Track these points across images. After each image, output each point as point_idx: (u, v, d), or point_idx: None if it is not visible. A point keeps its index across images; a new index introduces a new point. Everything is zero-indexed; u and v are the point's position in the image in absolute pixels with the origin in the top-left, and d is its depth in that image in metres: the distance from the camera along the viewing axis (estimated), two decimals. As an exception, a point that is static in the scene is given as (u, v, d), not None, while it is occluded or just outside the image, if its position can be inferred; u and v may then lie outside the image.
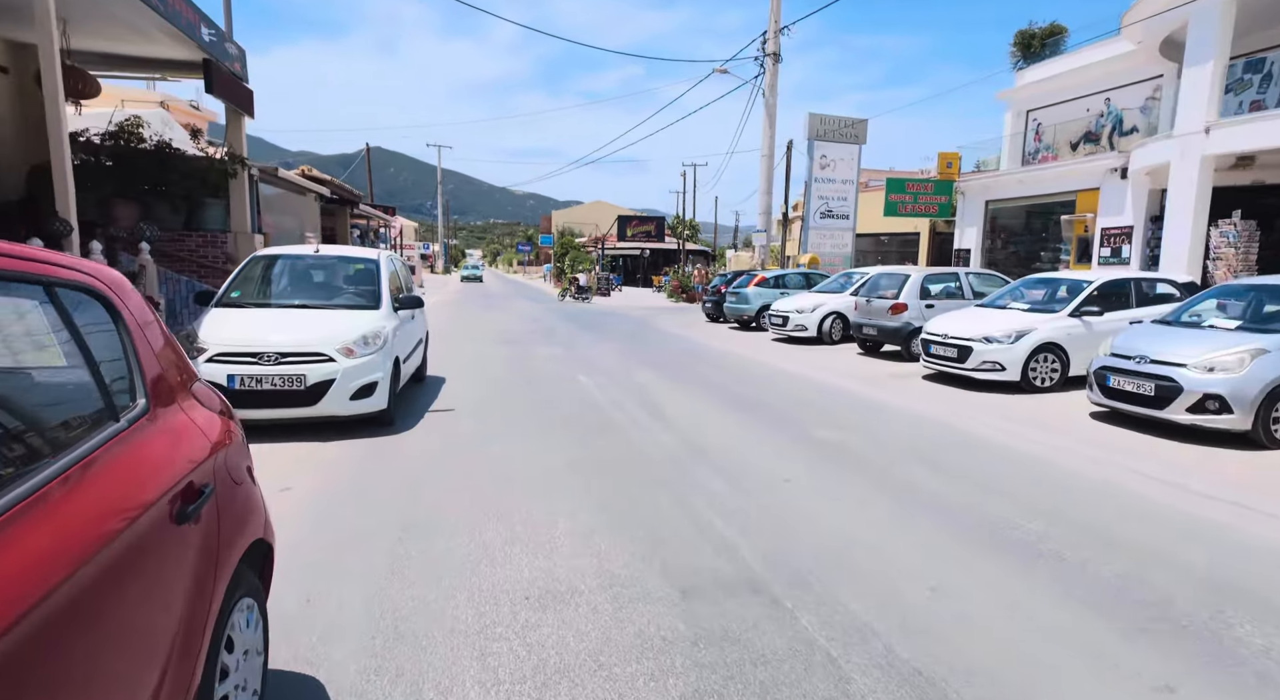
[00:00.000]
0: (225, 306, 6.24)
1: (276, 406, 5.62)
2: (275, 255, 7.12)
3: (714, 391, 8.71)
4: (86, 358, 1.53)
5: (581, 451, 5.68)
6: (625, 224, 40.49)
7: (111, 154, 9.89)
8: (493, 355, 11.74)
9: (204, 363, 5.52)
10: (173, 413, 1.80)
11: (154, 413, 1.70)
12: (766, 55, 22.08)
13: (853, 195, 24.89)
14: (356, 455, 5.45)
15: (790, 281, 17.80)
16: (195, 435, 1.82)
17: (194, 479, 1.70)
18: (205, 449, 1.83)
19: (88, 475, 1.34)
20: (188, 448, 1.75)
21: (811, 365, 11.29)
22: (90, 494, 1.32)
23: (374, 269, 7.03)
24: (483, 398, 7.90)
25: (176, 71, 10.09)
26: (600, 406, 7.54)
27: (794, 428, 6.78)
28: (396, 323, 6.69)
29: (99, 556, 1.23)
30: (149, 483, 1.51)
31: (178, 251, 10.06)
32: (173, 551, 1.54)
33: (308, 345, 5.74)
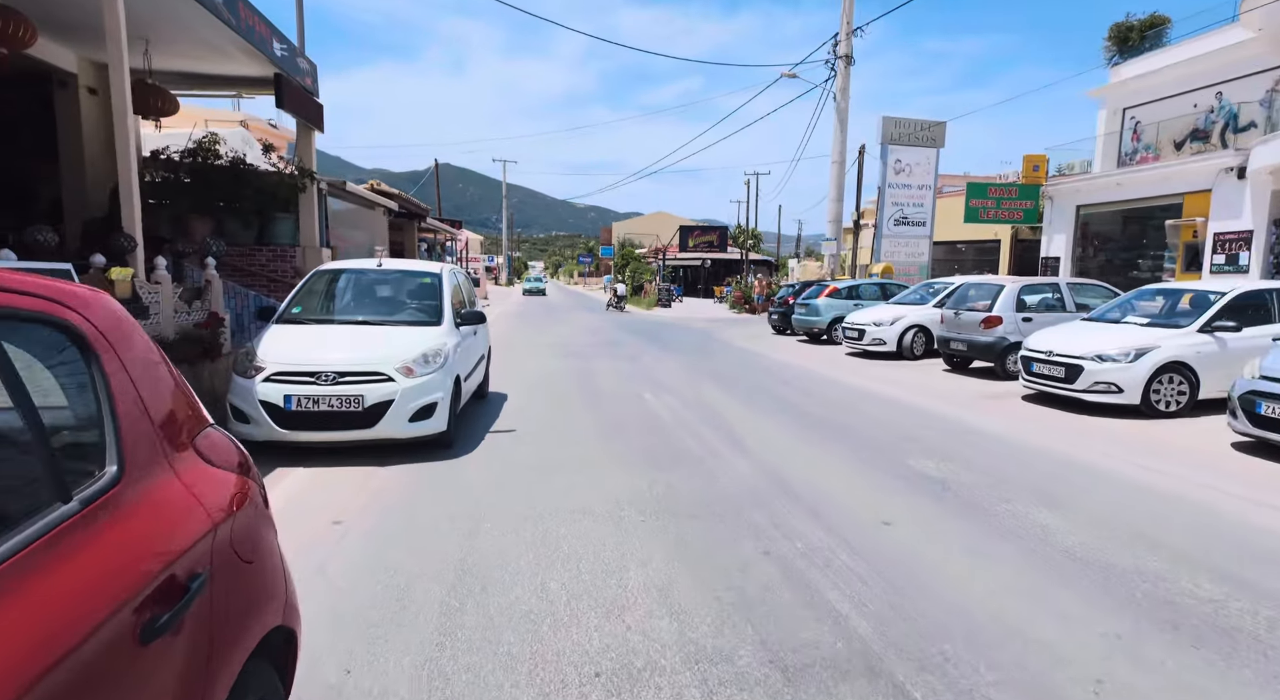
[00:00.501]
0: (285, 323, 6.06)
1: (333, 428, 5.35)
2: (337, 270, 6.95)
3: (790, 413, 8.07)
4: (27, 415, 1.13)
5: (652, 484, 5.18)
6: (687, 234, 39.98)
7: (190, 171, 10.08)
8: (555, 369, 11.41)
9: (261, 382, 5.31)
10: (160, 479, 1.39)
11: (129, 482, 1.29)
12: (838, 58, 21.26)
13: (930, 201, 23.68)
14: (413, 483, 5.10)
15: (864, 292, 16.89)
16: (187, 508, 1.41)
17: (177, 571, 1.28)
18: (201, 525, 1.41)
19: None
20: (172, 527, 1.34)
21: (894, 383, 10.47)
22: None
23: (436, 283, 6.76)
24: (545, 418, 7.51)
25: (252, 88, 10.25)
26: (669, 430, 7.02)
27: (885, 457, 6.09)
28: (458, 339, 6.37)
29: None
30: (101, 593, 1.09)
31: (249, 266, 10.17)
32: (136, 683, 1.12)
33: (366, 364, 5.47)
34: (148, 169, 10.14)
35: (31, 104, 9.60)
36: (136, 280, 5.37)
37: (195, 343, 6.13)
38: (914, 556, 3.92)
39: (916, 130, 23.08)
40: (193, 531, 1.37)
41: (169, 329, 5.88)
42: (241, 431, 5.40)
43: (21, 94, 9.66)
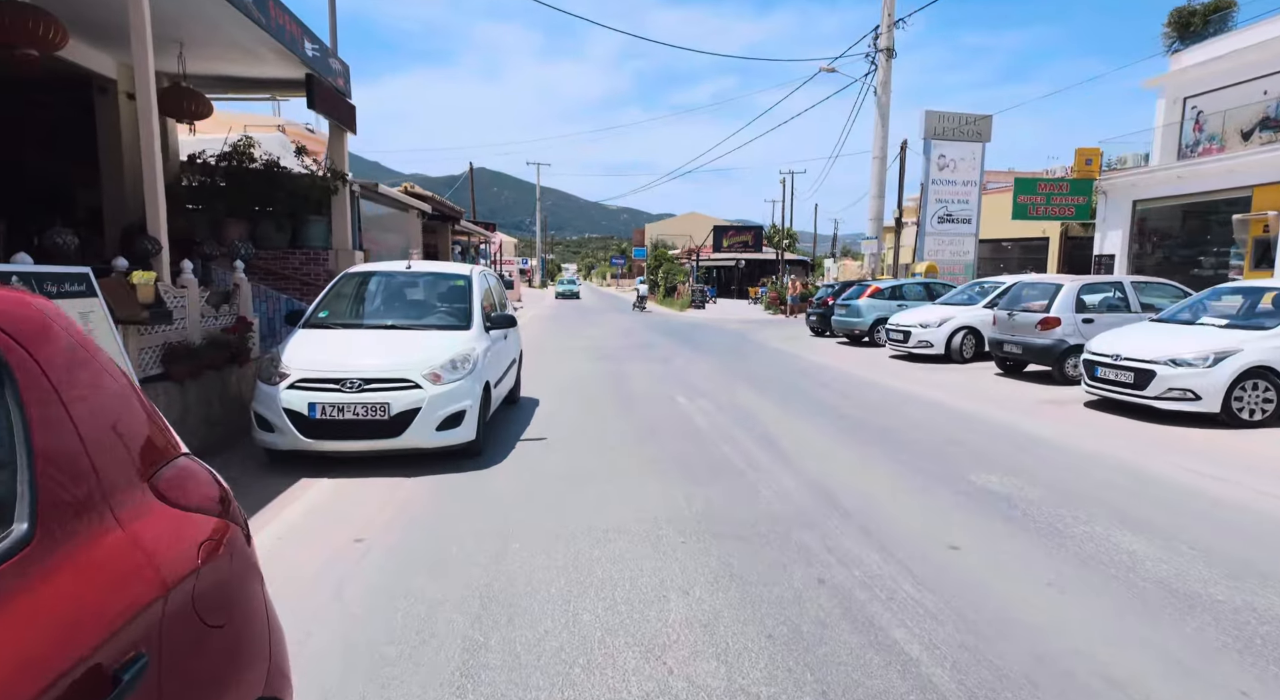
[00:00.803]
0: (312, 327, 5.88)
1: (358, 437, 5.14)
2: (365, 272, 6.77)
3: (833, 419, 7.64)
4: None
5: (690, 498, 4.84)
6: (721, 234, 39.46)
7: (225, 174, 10.08)
8: (587, 373, 11.14)
9: (285, 389, 5.12)
10: (94, 534, 1.11)
11: (45, 544, 1.01)
12: (879, 51, 20.62)
13: (975, 197, 22.83)
14: (440, 495, 4.85)
15: (908, 292, 16.26)
16: (129, 571, 1.13)
17: (102, 659, 0.99)
18: (145, 592, 1.13)
19: None
20: (102, 600, 1.05)
21: (944, 388, 9.93)
22: None
23: (466, 286, 6.53)
24: (577, 424, 7.22)
25: (285, 90, 10.23)
26: (706, 437, 6.67)
27: (942, 470, 5.64)
28: (488, 344, 6.12)
29: None
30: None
31: (282, 269, 10.12)
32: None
33: (392, 370, 5.24)
34: (184, 173, 10.18)
35: (72, 110, 9.69)
36: (161, 284, 5.23)
37: (223, 348, 6.00)
38: (987, 588, 3.51)
39: (961, 124, 22.26)
40: (132, 602, 1.09)
41: (195, 334, 5.75)
42: (266, 440, 5.23)
43: (62, 100, 9.78)
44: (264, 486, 4.96)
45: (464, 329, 6.04)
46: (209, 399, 5.87)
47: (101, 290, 4.38)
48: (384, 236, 13.00)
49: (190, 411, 5.58)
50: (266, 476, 5.20)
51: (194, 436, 5.69)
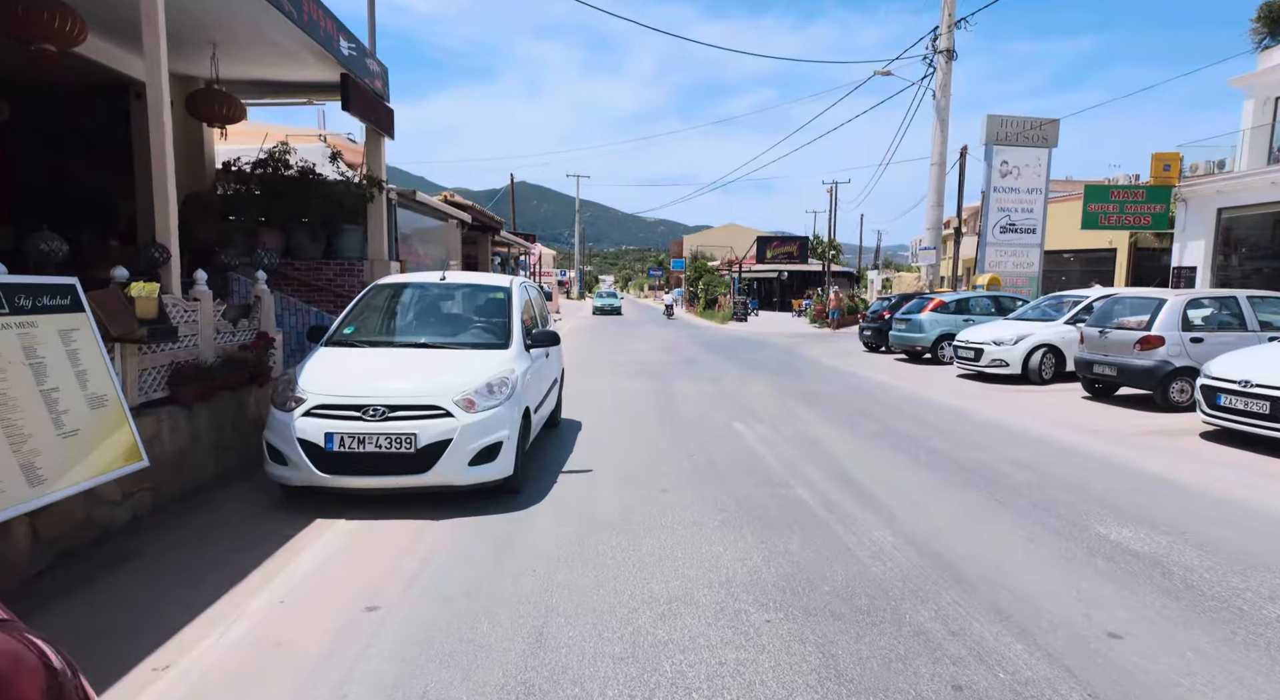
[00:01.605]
0: (334, 345, 5.28)
1: (381, 473, 4.48)
2: (396, 284, 6.17)
3: (916, 453, 6.73)
4: None
5: (768, 558, 4.03)
6: (765, 245, 38.46)
7: (260, 182, 9.71)
8: (631, 391, 10.41)
9: (300, 416, 4.50)
10: None
11: None
12: (938, 52, 19.59)
13: (1040, 206, 21.49)
14: (470, 546, 4.14)
15: (975, 306, 15.14)
16: None
17: None
18: None
19: None
20: None
21: (1031, 414, 8.90)
22: None
23: (505, 299, 5.86)
24: (624, 454, 6.48)
25: (321, 94, 9.85)
26: (774, 474, 5.85)
27: (1061, 519, 4.72)
28: (527, 364, 5.43)
29: None
30: None
31: (315, 280, 9.68)
32: None
33: (420, 396, 4.59)
34: (220, 181, 9.84)
35: (109, 116, 9.43)
36: (169, 297, 4.68)
37: (239, 367, 5.44)
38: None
39: (1025, 129, 21.01)
40: None
41: (209, 352, 5.20)
42: (278, 474, 4.61)
43: (101, 107, 9.52)
44: (274, 529, 4.33)
45: (502, 348, 5.37)
46: (221, 424, 5.31)
47: (94, 304, 3.82)
48: (422, 247, 12.54)
49: (199, 439, 5.01)
50: (278, 516, 4.58)
51: (204, 466, 5.13)
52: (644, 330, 26.00)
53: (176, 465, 4.73)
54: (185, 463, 4.82)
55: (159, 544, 4.05)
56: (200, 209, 9.34)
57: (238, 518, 4.55)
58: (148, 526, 4.31)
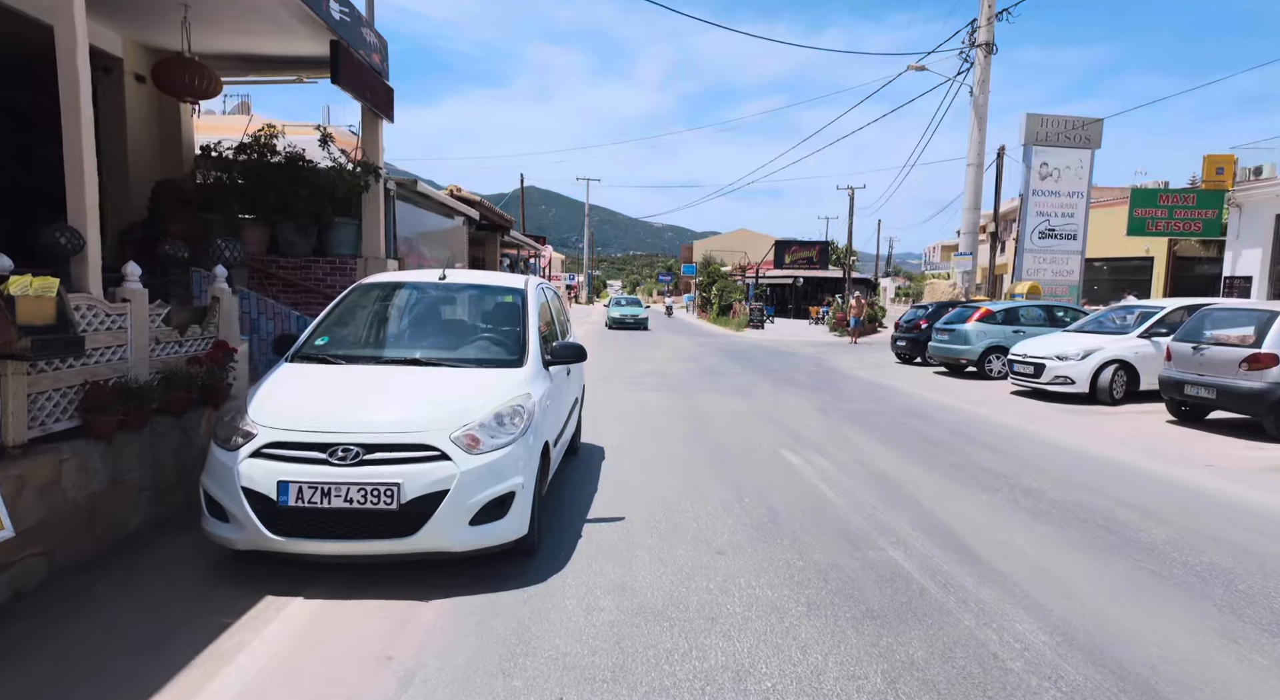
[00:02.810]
0: (303, 360, 4.15)
1: (352, 536, 3.33)
2: (385, 284, 5.02)
3: (1013, 495, 5.55)
4: None
5: (890, 678, 2.86)
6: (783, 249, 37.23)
7: (243, 169, 8.63)
8: (655, 409, 9.24)
9: (247, 457, 3.36)
10: None
11: None
12: (975, 46, 18.42)
13: (1081, 210, 20.27)
14: (469, 653, 2.97)
15: (1025, 316, 13.92)
16: None
17: None
18: None
19: None
20: None
21: (1118, 442, 7.70)
22: None
23: (518, 304, 4.72)
24: (660, 492, 5.31)
25: (312, 69, 8.77)
26: (853, 527, 4.68)
27: (1264, 608, 3.53)
28: (546, 385, 4.29)
29: None
30: None
31: (303, 280, 8.58)
32: None
33: (408, 431, 3.45)
34: (198, 168, 8.76)
35: (72, 94, 8.37)
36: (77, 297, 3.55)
37: (186, 385, 4.32)
38: None
39: (1067, 129, 19.80)
40: None
41: (142, 368, 4.08)
42: (218, 534, 3.48)
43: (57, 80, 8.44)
44: (205, 613, 3.19)
45: (515, 365, 4.22)
46: (159, 459, 4.18)
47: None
48: (424, 246, 11.44)
49: (123, 480, 3.88)
50: (215, 590, 3.44)
51: (129, 514, 3.99)
52: (660, 337, 24.83)
53: (86, 517, 3.60)
54: (100, 512, 3.69)
55: (28, 648, 2.90)
56: (173, 198, 8.27)
57: (159, 593, 3.40)
58: (29, 611, 3.17)
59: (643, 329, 28.26)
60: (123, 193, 8.27)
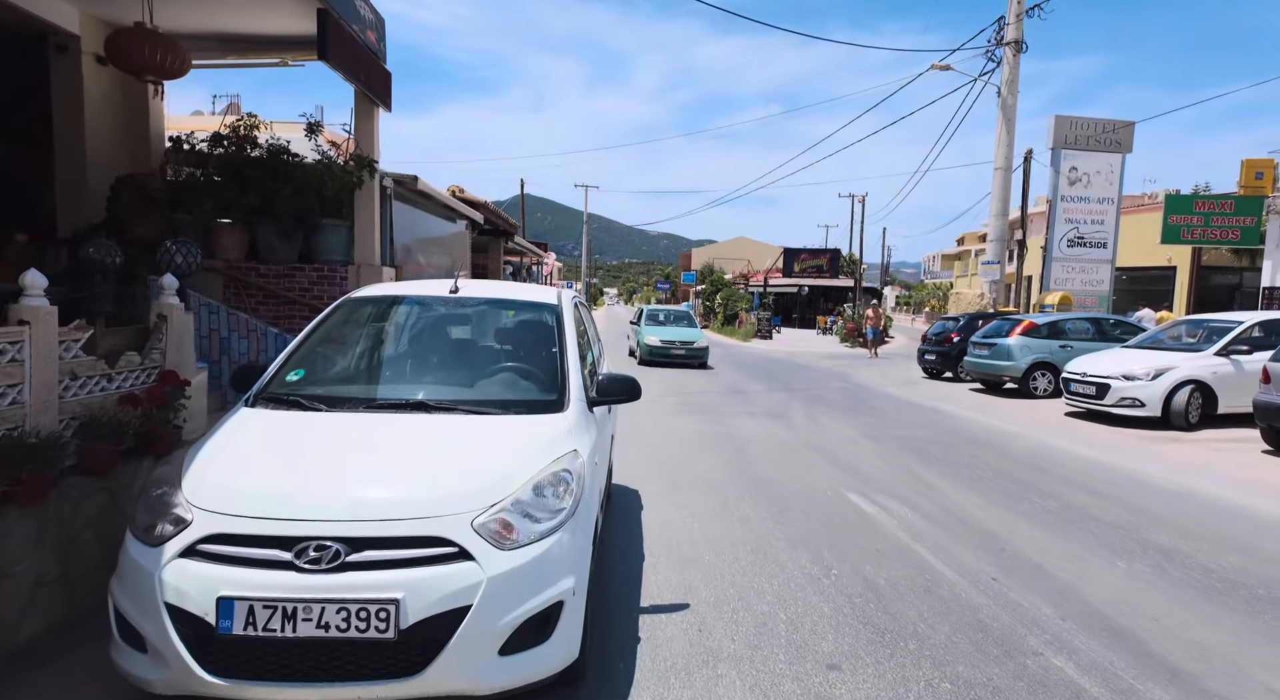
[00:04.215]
0: (269, 404, 3.06)
1: (327, 679, 2.25)
2: (382, 298, 3.94)
3: (1157, 561, 4.50)
4: None
5: None
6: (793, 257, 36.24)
7: (218, 164, 7.56)
8: (686, 436, 8.18)
9: (174, 558, 2.28)
10: None
11: None
12: (1004, 44, 17.52)
13: (1112, 217, 19.34)
14: None
15: (1071, 330, 12.92)
16: None
17: None
18: None
19: None
20: None
21: (1228, 480, 6.68)
22: None
23: (553, 325, 3.64)
24: (726, 564, 4.23)
25: (298, 51, 7.72)
26: (983, 614, 3.62)
27: None
28: (594, 437, 3.22)
29: None
30: None
31: (286, 290, 7.50)
32: None
33: (409, 514, 2.38)
34: (168, 163, 7.68)
35: (23, 73, 7.31)
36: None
37: (113, 434, 3.24)
38: None
39: (1097, 132, 18.90)
40: None
41: (45, 414, 3.00)
42: (130, 670, 2.38)
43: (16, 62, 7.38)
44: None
45: (553, 409, 3.14)
46: (73, 536, 3.09)
47: None
48: (423, 251, 10.37)
49: (9, 576, 2.78)
50: (128, 750, 2.35)
51: (22, 619, 2.89)
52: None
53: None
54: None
55: None
56: (137, 196, 7.19)
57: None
58: None
59: (700, 363, 16.54)
60: (78, 189, 7.20)
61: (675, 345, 16.41)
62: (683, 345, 16.45)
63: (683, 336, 16.74)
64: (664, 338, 16.56)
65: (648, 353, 16.48)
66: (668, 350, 16.36)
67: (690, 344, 16.53)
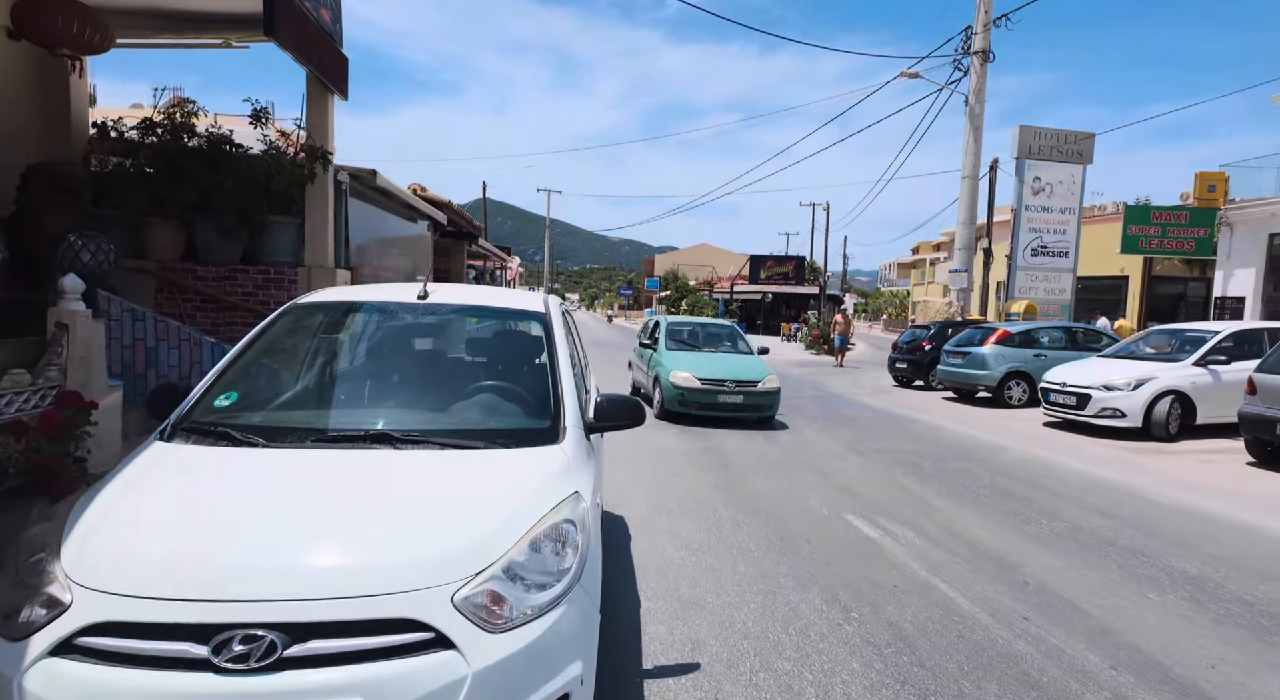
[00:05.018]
0: (190, 436, 2.44)
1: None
2: (336, 305, 3.33)
3: (1187, 590, 4.20)
4: None
5: None
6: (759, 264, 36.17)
7: (151, 154, 6.80)
8: (670, 451, 7.70)
9: (44, 656, 1.68)
10: None
11: None
12: (971, 53, 17.63)
13: (1073, 227, 19.67)
14: None
15: (1044, 338, 12.89)
16: None
17: None
18: None
19: None
20: None
21: (1226, 494, 6.50)
22: None
23: (541, 337, 3.09)
24: (734, 608, 3.75)
25: (243, 30, 7.01)
26: (1028, 665, 3.23)
27: None
28: (594, 473, 2.69)
29: None
30: None
31: (228, 294, 6.76)
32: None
33: (367, 590, 1.82)
34: (93, 152, 6.87)
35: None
36: None
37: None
38: None
39: (1060, 142, 19.20)
40: None
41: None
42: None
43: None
44: None
45: (547, 439, 2.59)
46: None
47: None
48: (383, 253, 9.68)
49: None
50: None
51: None
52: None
53: None
54: None
55: None
56: (53, 187, 6.37)
57: None
58: None
59: (765, 422, 9.88)
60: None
61: (725, 387, 9.49)
62: (738, 387, 9.53)
63: (736, 371, 9.79)
64: (705, 374, 9.61)
65: (676, 399, 9.51)
66: (713, 396, 9.45)
67: (751, 385, 9.59)
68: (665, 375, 9.74)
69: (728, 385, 9.48)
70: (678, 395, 9.45)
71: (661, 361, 10.16)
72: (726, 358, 10.49)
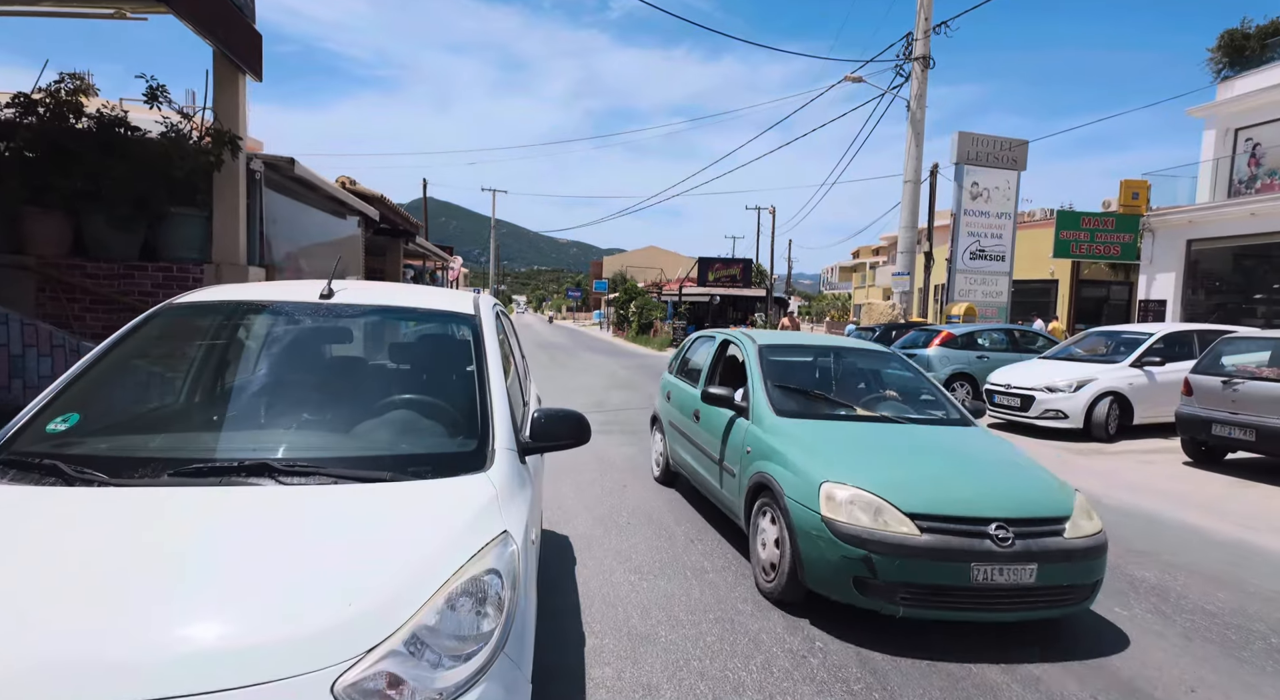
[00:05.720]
0: (11, 470, 1.92)
1: None
2: (219, 305, 2.80)
3: (1191, 617, 4.06)
4: None
5: None
6: (707, 267, 36.19)
7: (30, 136, 6.01)
8: (617, 462, 7.31)
9: None
10: None
11: None
12: (912, 59, 17.90)
13: (1009, 232, 20.23)
14: None
15: (986, 340, 13.07)
16: None
17: None
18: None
19: None
20: None
21: (1168, 496, 6.54)
22: None
23: (469, 343, 2.66)
24: (689, 641, 3.39)
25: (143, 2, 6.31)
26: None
27: None
28: (528, 505, 2.27)
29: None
30: None
31: (123, 294, 6.04)
32: None
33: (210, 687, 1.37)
34: (-41, 133, 6.04)
35: None
36: None
37: None
38: None
39: (996, 149, 19.73)
40: None
41: None
42: None
43: None
44: None
45: (471, 466, 2.16)
46: None
47: None
48: (306, 251, 8.98)
49: None
50: None
51: None
52: (584, 360, 22.77)
53: None
54: None
55: None
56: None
57: None
58: None
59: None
60: None
61: (991, 537, 3.31)
62: (1018, 535, 3.36)
63: (993, 486, 3.67)
64: (937, 496, 3.47)
65: (850, 566, 3.36)
66: (961, 566, 3.25)
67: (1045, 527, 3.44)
68: (800, 489, 3.68)
69: (993, 532, 3.33)
70: (861, 558, 3.33)
71: (775, 447, 4.07)
72: (936, 441, 4.27)
